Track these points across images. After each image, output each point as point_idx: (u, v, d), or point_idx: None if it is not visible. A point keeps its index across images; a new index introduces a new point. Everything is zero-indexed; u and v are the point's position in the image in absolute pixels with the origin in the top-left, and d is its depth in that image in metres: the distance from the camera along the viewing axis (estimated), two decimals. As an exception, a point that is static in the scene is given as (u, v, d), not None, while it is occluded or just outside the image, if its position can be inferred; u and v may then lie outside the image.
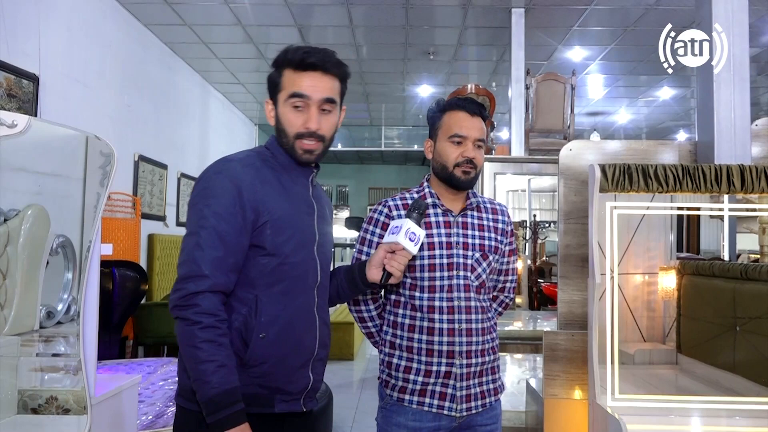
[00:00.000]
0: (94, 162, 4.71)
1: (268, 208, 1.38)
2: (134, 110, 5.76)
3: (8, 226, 3.44)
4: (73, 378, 2.85)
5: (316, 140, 1.44)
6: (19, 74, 3.91)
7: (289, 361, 1.41)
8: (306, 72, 1.42)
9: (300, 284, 1.44)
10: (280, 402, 1.40)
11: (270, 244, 1.39)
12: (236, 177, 1.37)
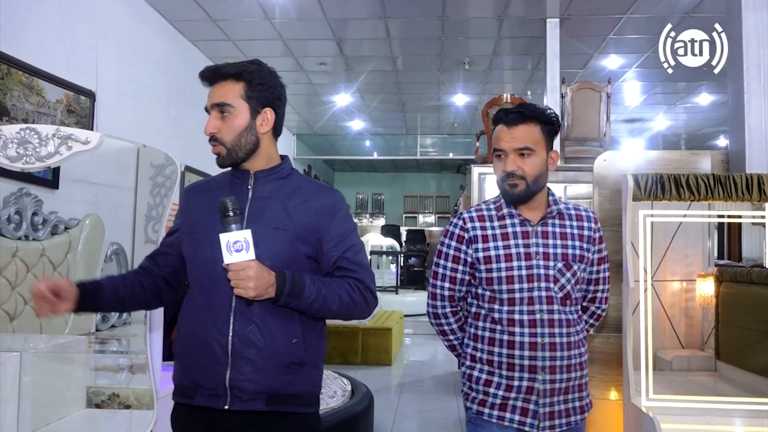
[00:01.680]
0: (144, 173, 4.95)
1: (185, 221, 1.58)
2: (179, 122, 6.00)
3: (69, 235, 3.67)
4: (129, 376, 3.03)
5: (215, 144, 1.54)
6: (78, 91, 4.14)
7: (199, 355, 1.45)
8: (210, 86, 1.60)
9: (206, 282, 1.48)
10: (200, 396, 1.45)
11: (185, 249, 1.55)
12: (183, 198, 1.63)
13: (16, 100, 3.59)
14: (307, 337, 1.48)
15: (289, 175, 1.57)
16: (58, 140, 2.08)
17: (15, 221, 3.28)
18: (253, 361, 1.42)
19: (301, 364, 1.46)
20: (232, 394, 1.42)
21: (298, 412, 1.47)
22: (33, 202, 3.45)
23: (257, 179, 1.53)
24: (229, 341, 1.42)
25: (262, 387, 1.43)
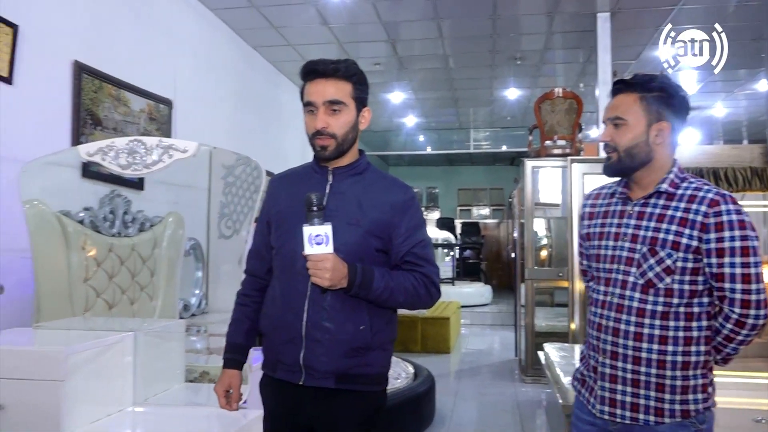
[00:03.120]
0: (216, 173, 5.30)
1: (272, 210, 1.72)
2: (245, 125, 6.37)
3: (154, 232, 4.04)
4: (211, 357, 3.36)
5: (323, 137, 1.60)
6: (158, 100, 4.53)
7: (279, 335, 1.62)
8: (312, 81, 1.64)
9: (290, 272, 1.61)
10: (281, 370, 1.62)
11: (272, 237, 1.71)
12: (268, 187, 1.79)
13: (107, 110, 3.98)
14: (374, 323, 1.60)
15: (365, 171, 1.68)
16: (161, 150, 2.41)
17: (110, 219, 3.65)
18: (323, 344, 1.56)
19: (368, 347, 1.59)
20: (306, 371, 1.57)
21: (364, 390, 1.60)
22: (123, 202, 3.82)
23: (335, 175, 1.65)
24: (303, 325, 1.56)
25: (331, 367, 1.56)
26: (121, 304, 3.62)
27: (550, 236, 7.47)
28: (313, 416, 1.61)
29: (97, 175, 3.77)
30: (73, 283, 3.26)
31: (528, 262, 5.37)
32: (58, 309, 3.06)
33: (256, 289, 1.74)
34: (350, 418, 1.60)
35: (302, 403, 1.60)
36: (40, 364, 2.01)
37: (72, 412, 2.01)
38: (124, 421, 2.21)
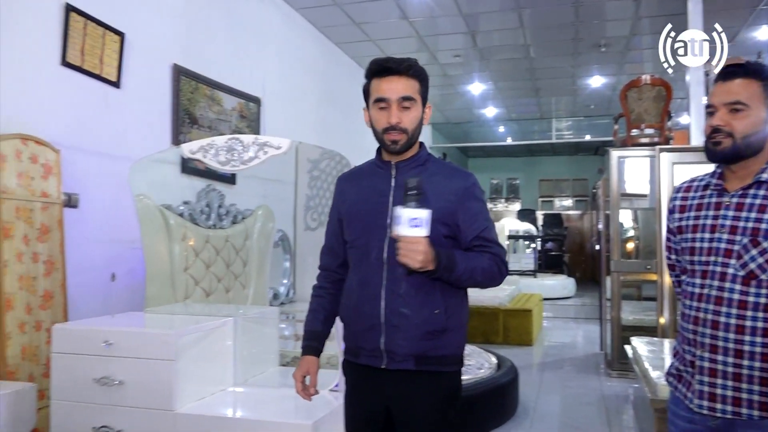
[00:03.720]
0: (302, 167, 5.49)
1: (342, 207, 1.79)
2: (328, 120, 6.55)
3: (246, 224, 4.25)
4: (298, 343, 3.52)
5: (396, 132, 1.67)
6: (248, 99, 4.75)
7: (359, 323, 1.70)
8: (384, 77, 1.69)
9: (365, 263, 1.70)
10: (363, 356, 1.70)
11: (345, 232, 1.78)
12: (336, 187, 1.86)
13: (203, 110, 4.23)
14: (448, 306, 1.67)
15: (426, 162, 1.74)
16: (257, 147, 2.55)
17: (206, 212, 3.88)
18: (402, 329, 1.63)
19: (443, 330, 1.66)
20: (387, 356, 1.65)
21: (442, 370, 1.68)
22: (218, 196, 4.05)
23: (399, 169, 1.72)
24: (382, 313, 1.64)
25: (410, 351, 1.64)
26: (217, 292, 3.84)
27: (637, 227, 7.25)
28: (393, 397, 1.69)
29: (194, 170, 4.01)
30: (175, 272, 3.50)
31: (614, 254, 5.26)
32: (162, 296, 3.30)
33: (330, 281, 1.84)
34: (429, 398, 1.67)
35: (384, 385, 1.68)
36: (154, 344, 2.20)
37: (181, 390, 2.19)
38: (226, 399, 2.37)
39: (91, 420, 2.23)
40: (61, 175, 2.97)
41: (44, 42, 3.00)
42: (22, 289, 2.68)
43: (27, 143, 2.79)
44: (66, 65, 3.09)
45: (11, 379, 2.56)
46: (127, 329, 2.29)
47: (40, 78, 2.98)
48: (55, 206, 2.91)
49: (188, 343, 2.26)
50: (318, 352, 1.82)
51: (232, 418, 2.12)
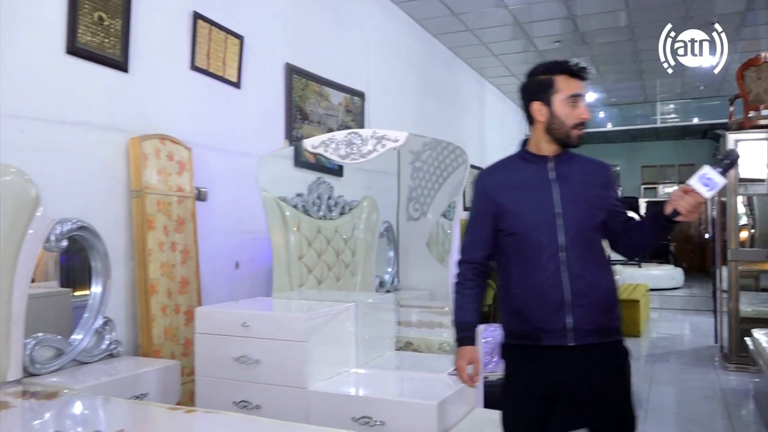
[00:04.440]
0: (405, 159, 5.61)
1: (498, 200, 1.89)
2: (428, 111, 6.62)
3: (353, 215, 4.41)
4: (402, 329, 3.63)
5: (583, 128, 1.86)
6: (353, 93, 4.90)
7: (541, 307, 1.83)
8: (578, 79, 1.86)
9: (538, 251, 1.83)
10: (547, 338, 1.82)
11: (507, 225, 1.87)
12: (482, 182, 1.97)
13: (312, 105, 4.42)
14: (610, 283, 1.89)
15: (573, 156, 1.90)
16: (374, 140, 2.67)
17: (317, 204, 4.06)
18: (585, 308, 1.80)
19: (613, 303, 1.87)
20: (574, 333, 1.80)
21: (615, 340, 1.88)
22: (327, 188, 4.22)
23: (557, 163, 1.87)
24: (566, 295, 1.80)
25: (594, 326, 1.82)
26: (329, 280, 4.02)
27: (752, 215, 6.85)
28: (579, 371, 1.83)
29: (306, 164, 4.20)
30: (291, 261, 3.70)
31: (731, 243, 5.01)
32: (280, 283, 3.50)
33: (477, 274, 1.96)
34: (613, 365, 1.86)
35: (567, 361, 1.83)
36: (287, 326, 2.37)
37: (312, 369, 2.35)
38: (350, 379, 2.52)
39: (231, 395, 2.43)
40: (193, 171, 3.22)
41: (176, 48, 3.25)
42: (163, 276, 2.95)
43: (164, 142, 3.05)
44: (195, 69, 3.34)
45: (157, 357, 2.82)
46: (262, 312, 2.48)
47: (174, 82, 3.24)
48: (188, 200, 3.17)
49: (316, 326, 2.41)
50: (474, 341, 1.96)
51: (363, 396, 2.24)
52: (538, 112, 1.86)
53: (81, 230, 2.57)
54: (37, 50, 2.55)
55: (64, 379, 2.35)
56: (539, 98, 1.85)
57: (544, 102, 1.84)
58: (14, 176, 2.29)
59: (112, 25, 2.83)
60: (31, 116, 2.52)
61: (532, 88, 1.89)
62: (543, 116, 1.85)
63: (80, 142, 2.72)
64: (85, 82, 2.74)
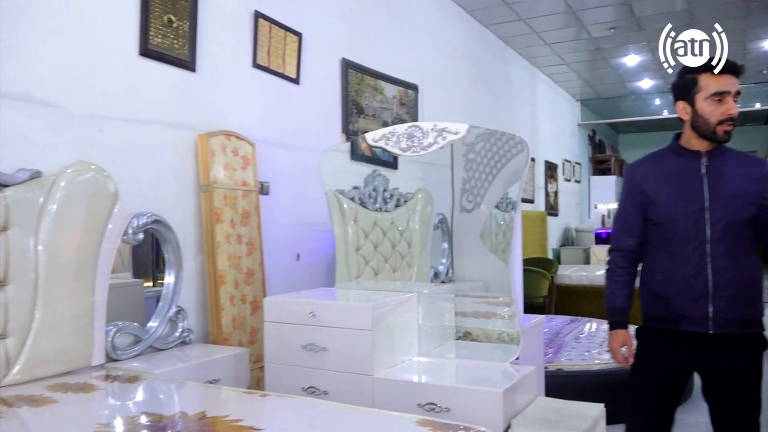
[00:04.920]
0: (458, 150, 5.63)
1: (646, 192, 2.01)
2: (479, 102, 6.61)
3: (408, 207, 4.46)
4: (457, 319, 3.66)
5: (732, 123, 1.93)
6: (406, 86, 4.95)
7: (682, 295, 1.93)
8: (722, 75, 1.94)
9: (684, 242, 1.93)
10: (686, 324, 1.94)
11: (654, 215, 1.98)
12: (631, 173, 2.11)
13: (368, 99, 4.48)
14: (757, 277, 1.95)
15: (726, 150, 1.98)
16: (435, 133, 2.72)
17: (373, 196, 4.13)
18: (728, 299, 1.89)
19: (758, 296, 1.95)
20: (714, 322, 1.90)
21: (756, 332, 1.96)
22: (383, 180, 4.28)
23: (710, 157, 1.95)
24: (710, 284, 1.90)
25: (735, 317, 1.90)
26: (385, 271, 4.09)
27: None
28: (714, 358, 1.93)
29: (362, 157, 4.28)
30: (349, 252, 3.78)
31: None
32: (340, 274, 3.59)
33: (628, 261, 2.09)
34: (749, 356, 1.94)
35: (704, 348, 1.94)
36: (353, 315, 2.44)
37: (377, 357, 2.42)
38: (413, 367, 2.57)
39: (299, 381, 2.53)
40: (257, 166, 3.33)
41: (239, 47, 3.36)
42: (230, 267, 3.07)
43: (230, 138, 3.16)
44: (256, 67, 3.44)
45: (226, 345, 2.95)
46: (328, 302, 2.56)
47: (237, 80, 3.35)
48: (252, 194, 3.28)
49: (381, 315, 2.48)
50: (626, 325, 2.08)
51: (428, 384, 2.30)
52: (683, 111, 1.97)
53: (155, 224, 2.71)
54: (113, 53, 2.68)
55: (142, 365, 2.49)
56: (683, 97, 1.97)
57: (687, 101, 1.95)
58: (94, 173, 2.42)
59: (180, 26, 2.94)
60: (109, 116, 2.66)
61: (677, 88, 2.01)
62: (687, 114, 1.96)
63: (153, 139, 2.85)
64: (156, 82, 2.86)
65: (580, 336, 4.75)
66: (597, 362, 3.98)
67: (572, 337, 4.69)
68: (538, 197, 8.63)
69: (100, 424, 1.81)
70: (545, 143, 9.04)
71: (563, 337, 4.73)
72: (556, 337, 4.70)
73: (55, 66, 2.45)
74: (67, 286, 2.29)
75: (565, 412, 2.23)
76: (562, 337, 4.70)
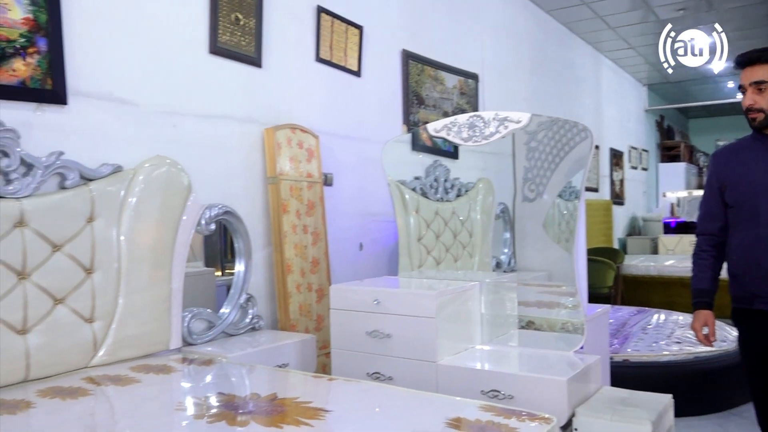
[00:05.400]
0: (519, 139, 5.58)
1: (727, 177, 2.12)
2: (541, 90, 6.51)
3: (469, 197, 4.47)
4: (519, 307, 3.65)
5: (753, 112, 2.06)
6: (466, 75, 4.94)
7: (752, 275, 2.04)
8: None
9: (753, 222, 2.02)
10: (758, 303, 2.01)
11: (728, 198, 2.09)
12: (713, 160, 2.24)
13: (428, 90, 4.50)
14: None
15: None
16: (497, 122, 2.72)
17: (434, 186, 4.16)
18: None
19: None
20: None
21: None
22: (444, 170, 4.30)
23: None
24: None
25: None
26: (447, 261, 4.12)
27: None
28: None
29: (423, 147, 4.30)
30: (411, 242, 3.83)
31: None
32: (402, 263, 3.64)
33: (711, 245, 2.19)
34: None
35: None
36: (417, 303, 2.49)
37: (441, 344, 2.46)
38: (476, 355, 2.60)
39: (364, 367, 2.60)
40: (320, 158, 3.41)
41: (302, 42, 3.44)
42: (297, 256, 3.17)
43: (295, 131, 3.25)
44: (319, 61, 3.52)
45: (293, 331, 3.05)
46: (393, 290, 2.62)
47: (301, 74, 3.44)
48: (317, 185, 3.37)
49: (445, 303, 2.51)
50: (710, 306, 2.19)
51: (491, 371, 2.32)
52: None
53: (226, 215, 2.83)
54: (184, 52, 2.81)
55: (215, 349, 2.61)
56: (740, 89, 2.11)
57: (742, 92, 2.11)
58: (169, 167, 2.55)
59: (246, 24, 3.05)
60: (182, 112, 2.79)
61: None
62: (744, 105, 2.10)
63: (222, 134, 2.97)
64: (225, 78, 2.98)
65: (648, 327, 4.65)
66: (665, 353, 3.90)
67: (639, 328, 4.60)
68: (603, 186, 8.44)
69: (180, 403, 1.93)
70: (610, 130, 8.81)
71: (630, 327, 4.64)
72: (623, 328, 4.62)
73: (132, 66, 2.59)
74: (146, 274, 2.43)
75: (631, 402, 2.21)
76: (628, 328, 4.62)
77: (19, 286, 2.07)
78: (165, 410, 1.89)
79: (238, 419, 1.69)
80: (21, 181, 2.12)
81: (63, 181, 2.25)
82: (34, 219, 2.11)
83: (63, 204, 2.21)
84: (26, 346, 2.07)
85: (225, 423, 1.65)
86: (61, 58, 2.28)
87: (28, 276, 2.10)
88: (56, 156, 2.21)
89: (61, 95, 2.29)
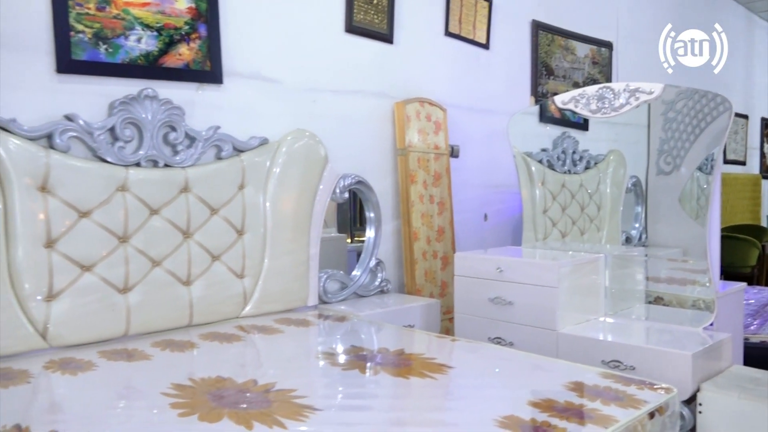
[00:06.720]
0: (656, 109, 5.34)
1: None
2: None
3: (598, 169, 4.37)
4: (649, 283, 3.56)
5: None
6: (599, 44, 4.78)
7: None
8: None
9: None
10: None
11: None
12: None
13: (558, 60, 4.43)
14: None
15: None
16: (627, 93, 2.68)
17: (561, 159, 4.11)
18: None
19: None
20: None
21: None
22: (572, 142, 4.24)
23: None
24: None
25: None
26: (573, 234, 4.09)
27: None
28: None
29: (550, 119, 4.26)
30: (536, 214, 3.85)
31: None
32: (527, 234, 3.68)
33: None
34: None
35: None
36: (539, 272, 2.56)
37: (562, 314, 2.51)
38: (598, 326, 2.62)
39: (486, 331, 2.71)
40: (447, 130, 3.52)
41: (432, 17, 3.54)
42: (423, 225, 3.32)
43: (423, 105, 3.37)
44: (448, 35, 3.60)
45: (419, 295, 3.22)
46: (515, 259, 2.70)
47: (431, 49, 3.54)
48: (443, 156, 3.48)
49: (567, 273, 2.55)
50: None
51: (613, 342, 2.34)
52: None
53: (358, 184, 3.02)
54: (323, 32, 3.01)
55: (347, 308, 2.84)
56: None
57: None
58: (308, 139, 2.78)
59: (379, 2, 3.19)
60: (320, 89, 3.01)
61: None
62: None
63: (356, 108, 3.16)
64: (359, 55, 3.16)
65: (793, 310, 4.35)
66: (810, 338, 3.65)
67: (783, 310, 4.31)
68: (752, 159, 7.80)
69: (317, 352, 2.16)
70: (762, 98, 8.08)
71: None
72: (763, 309, 4.35)
73: (277, 47, 2.83)
74: (288, 238, 2.69)
75: (762, 382, 2.15)
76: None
77: (184, 243, 2.39)
78: (304, 357, 2.13)
79: (369, 368, 1.87)
80: (186, 152, 2.42)
81: (219, 152, 2.54)
82: (196, 185, 2.42)
83: (219, 172, 2.49)
84: (190, 296, 2.39)
85: (357, 371, 1.85)
86: (218, 42, 2.56)
87: (192, 235, 2.42)
88: (214, 130, 2.50)
89: (218, 75, 2.57)
